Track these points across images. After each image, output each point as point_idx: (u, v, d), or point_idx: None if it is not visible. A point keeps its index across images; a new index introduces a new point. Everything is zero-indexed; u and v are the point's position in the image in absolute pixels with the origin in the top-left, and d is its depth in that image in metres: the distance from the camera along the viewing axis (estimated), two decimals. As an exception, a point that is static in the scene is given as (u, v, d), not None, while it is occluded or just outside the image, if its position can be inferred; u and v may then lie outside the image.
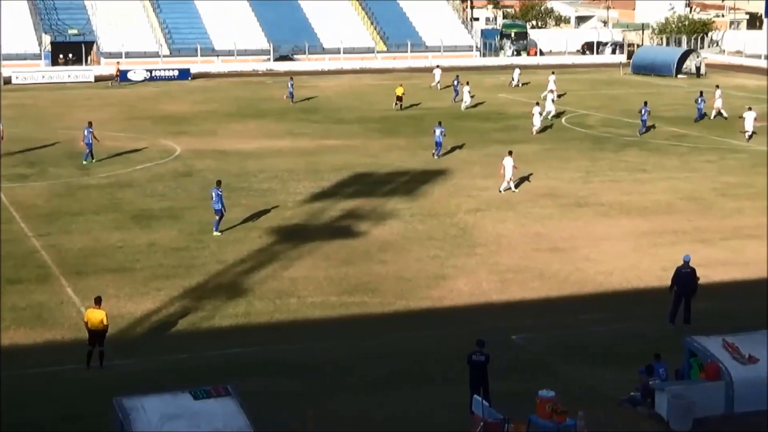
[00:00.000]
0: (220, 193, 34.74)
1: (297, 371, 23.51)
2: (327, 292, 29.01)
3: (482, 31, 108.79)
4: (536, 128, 54.90)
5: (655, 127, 56.71)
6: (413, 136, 54.58)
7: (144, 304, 27.80)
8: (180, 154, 49.56)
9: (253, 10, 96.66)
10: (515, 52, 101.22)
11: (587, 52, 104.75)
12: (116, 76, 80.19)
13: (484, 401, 19.76)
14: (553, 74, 69.88)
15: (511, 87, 76.86)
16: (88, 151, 46.69)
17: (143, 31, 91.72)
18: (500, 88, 76.54)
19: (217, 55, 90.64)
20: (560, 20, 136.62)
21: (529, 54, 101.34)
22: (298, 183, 42.84)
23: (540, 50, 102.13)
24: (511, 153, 41.63)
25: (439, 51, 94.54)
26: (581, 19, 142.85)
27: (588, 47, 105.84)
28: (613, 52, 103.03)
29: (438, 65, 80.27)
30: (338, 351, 24.86)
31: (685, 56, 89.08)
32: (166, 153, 49.69)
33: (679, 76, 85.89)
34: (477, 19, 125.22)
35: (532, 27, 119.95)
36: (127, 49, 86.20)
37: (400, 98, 64.71)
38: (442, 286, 29.68)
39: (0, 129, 48.33)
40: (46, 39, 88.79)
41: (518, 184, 41.79)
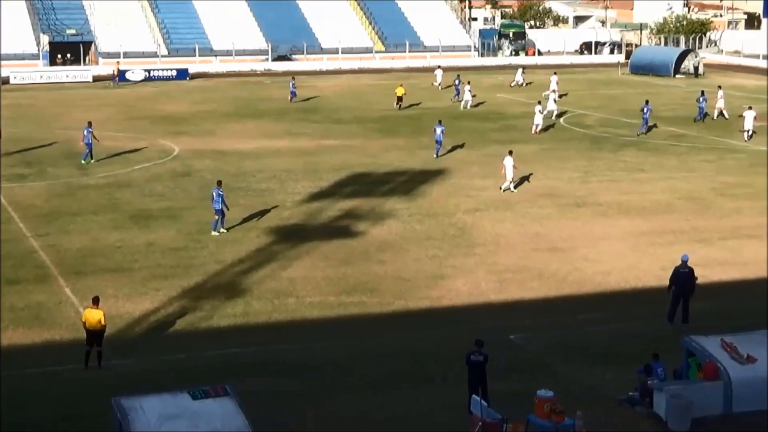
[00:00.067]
0: (221, 193, 34.73)
1: (296, 371, 23.50)
2: (325, 292, 29.01)
3: (480, 31, 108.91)
4: (539, 127, 54.94)
5: (657, 126, 56.74)
6: (412, 136, 54.60)
7: (142, 304, 27.80)
8: (178, 154, 49.54)
9: (252, 10, 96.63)
10: (513, 52, 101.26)
11: (585, 52, 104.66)
12: (115, 75, 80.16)
13: (483, 401, 19.78)
14: (555, 74, 69.95)
15: (515, 87, 76.81)
16: (87, 151, 46.67)
17: (141, 31, 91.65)
18: (499, 87, 76.54)
19: (216, 55, 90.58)
20: (558, 20, 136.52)
21: (527, 54, 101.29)
22: (297, 183, 42.84)
23: (538, 50, 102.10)
24: (511, 153, 41.66)
25: (438, 51, 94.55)
26: (579, 19, 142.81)
27: (586, 47, 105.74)
28: (612, 52, 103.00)
29: (439, 66, 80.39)
30: (338, 351, 24.85)
31: (683, 56, 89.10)
32: (164, 153, 49.67)
33: (677, 76, 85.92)
34: (475, 19, 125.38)
35: (530, 27, 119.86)
36: (125, 49, 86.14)
37: (400, 98, 64.79)
38: (440, 286, 29.67)
39: (-2, 129, 48.48)
40: (45, 39, 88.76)
41: (517, 184, 41.77)
